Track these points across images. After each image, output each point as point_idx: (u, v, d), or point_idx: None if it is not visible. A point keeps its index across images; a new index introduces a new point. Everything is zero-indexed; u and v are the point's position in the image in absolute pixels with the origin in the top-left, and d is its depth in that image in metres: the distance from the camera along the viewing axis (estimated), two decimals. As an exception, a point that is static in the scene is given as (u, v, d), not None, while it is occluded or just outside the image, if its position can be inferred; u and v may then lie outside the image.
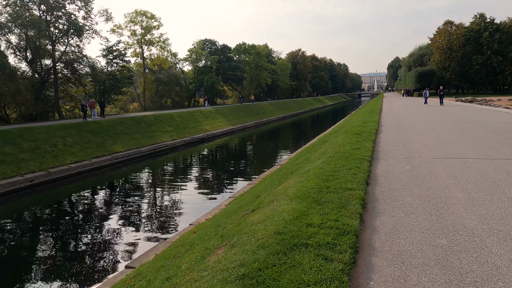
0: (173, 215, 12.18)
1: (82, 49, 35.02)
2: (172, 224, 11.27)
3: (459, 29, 67.40)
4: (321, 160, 7.23)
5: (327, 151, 8.54)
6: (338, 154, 7.55)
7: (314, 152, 10.10)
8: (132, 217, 11.89)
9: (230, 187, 15.35)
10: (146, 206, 13.31)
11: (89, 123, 26.20)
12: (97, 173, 20.53)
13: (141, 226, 10.96)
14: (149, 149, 25.95)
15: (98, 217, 12.57)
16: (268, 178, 11.42)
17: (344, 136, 10.62)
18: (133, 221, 11.44)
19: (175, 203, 13.66)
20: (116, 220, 11.66)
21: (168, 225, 11.22)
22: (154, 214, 12.31)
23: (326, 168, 6.27)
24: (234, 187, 15.02)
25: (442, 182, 5.61)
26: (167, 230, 10.31)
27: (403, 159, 7.59)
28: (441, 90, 28.72)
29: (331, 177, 5.52)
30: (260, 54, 74.95)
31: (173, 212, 12.47)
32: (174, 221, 11.54)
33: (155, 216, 12.08)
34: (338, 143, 9.25)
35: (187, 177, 18.64)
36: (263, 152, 26.70)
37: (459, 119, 16.18)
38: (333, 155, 7.50)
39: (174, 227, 10.98)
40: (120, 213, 12.64)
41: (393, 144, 9.60)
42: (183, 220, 11.68)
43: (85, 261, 8.62)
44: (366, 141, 9.24)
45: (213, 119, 41.89)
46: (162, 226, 11.07)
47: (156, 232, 10.36)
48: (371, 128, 12.50)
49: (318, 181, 5.27)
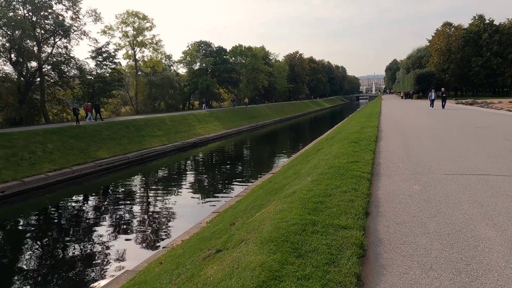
0: (150, 231, 10.88)
1: (70, 51, 33.79)
2: (146, 243, 9.96)
3: (458, 31, 66.48)
4: (311, 178, 5.96)
5: (319, 164, 7.26)
6: (332, 170, 6.28)
7: (306, 163, 8.83)
8: (104, 235, 10.56)
9: (216, 198, 14.06)
10: (123, 220, 12.00)
11: (73, 128, 24.89)
12: (78, 181, 19.20)
13: (113, 247, 9.64)
14: (136, 155, 24.64)
15: (63, 231, 11.24)
16: (256, 191, 10.17)
17: (340, 145, 9.34)
18: (104, 241, 10.12)
19: (156, 217, 12.35)
20: (82, 239, 10.32)
21: (142, 244, 9.90)
22: (132, 229, 11.00)
23: (316, 190, 5.01)
24: (221, 199, 13.73)
25: (463, 211, 4.35)
26: (137, 254, 8.99)
27: (410, 175, 6.33)
28: (443, 92, 27.13)
29: (320, 206, 4.26)
30: (256, 56, 73.80)
31: (152, 227, 11.18)
32: (149, 239, 10.23)
33: (134, 231, 10.78)
34: (333, 154, 7.98)
35: (173, 186, 17.34)
36: (257, 158, 25.42)
37: (465, 124, 14.94)
38: (326, 171, 6.23)
39: (148, 247, 9.68)
40: (89, 229, 11.30)
41: (396, 155, 8.34)
42: (161, 236, 10.39)
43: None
44: (365, 152, 7.97)
45: (207, 122, 40.61)
46: (136, 246, 9.76)
47: (128, 254, 9.07)
48: (370, 134, 11.24)
49: (302, 212, 4.01)
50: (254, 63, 72.80)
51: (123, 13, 42.62)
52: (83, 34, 34.65)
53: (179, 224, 11.10)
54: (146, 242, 9.98)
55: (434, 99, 28.02)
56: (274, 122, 56.76)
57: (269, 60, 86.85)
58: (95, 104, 31.05)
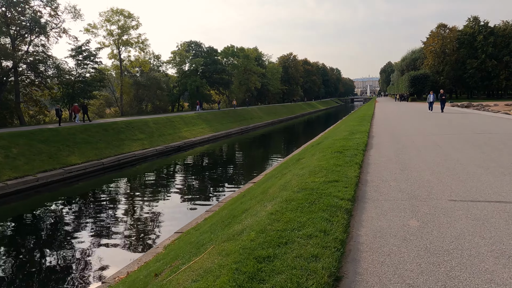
0: (115, 248, 9.25)
1: (48, 49, 31.97)
2: (102, 270, 8.29)
3: (452, 33, 65.52)
4: (272, 207, 4.38)
5: (290, 183, 5.69)
6: (302, 194, 4.71)
7: (280, 177, 7.27)
8: (55, 255, 8.88)
9: (189, 211, 12.43)
10: (86, 235, 10.34)
11: (44, 131, 23.14)
12: (42, 190, 17.45)
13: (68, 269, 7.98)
14: (112, 160, 22.89)
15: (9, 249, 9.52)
16: (227, 207, 8.61)
17: (322, 155, 7.79)
18: (53, 265, 8.45)
19: (120, 232, 10.66)
20: (33, 260, 8.63)
21: (102, 268, 8.24)
22: (97, 245, 9.35)
23: (270, 231, 3.44)
24: (192, 212, 12.11)
25: (488, 271, 2.80)
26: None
27: (405, 200, 4.79)
28: (442, 94, 25.35)
29: (266, 267, 2.68)
30: (249, 57, 72.28)
31: (118, 243, 9.56)
32: (109, 262, 8.56)
33: (98, 247, 9.14)
34: (310, 169, 6.41)
35: (146, 195, 15.67)
36: (243, 163, 23.77)
37: (466, 129, 13.44)
38: (293, 196, 4.66)
39: (104, 272, 8.03)
40: (42, 247, 9.63)
41: (388, 169, 6.79)
42: (122, 258, 8.71)
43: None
44: (349, 166, 6.41)
45: (194, 125, 38.94)
46: (92, 270, 8.10)
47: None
48: (358, 142, 9.70)
49: (233, 282, 2.44)
50: (247, 64, 71.25)
51: (107, 10, 40.88)
52: (62, 31, 32.92)
53: (140, 242, 9.47)
54: (108, 263, 8.31)
55: (433, 101, 26.29)
56: (265, 124, 55.22)
57: (262, 62, 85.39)
58: (83, 105, 30.26)
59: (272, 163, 19.71)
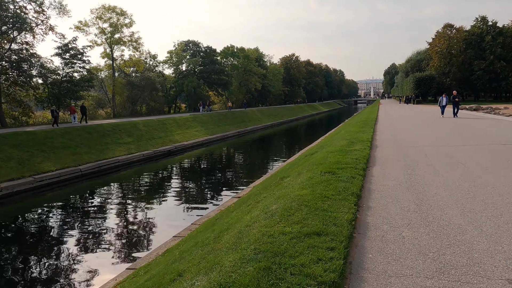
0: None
1: (32, 47, 30.20)
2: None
3: (459, 33, 63.33)
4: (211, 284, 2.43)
5: (249, 232, 3.73)
6: (253, 268, 2.75)
7: (246, 212, 5.31)
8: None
9: (169, 227, 10.48)
10: (47, 256, 8.44)
11: (18, 134, 21.31)
12: (5, 202, 15.57)
13: None
14: (92, 167, 20.99)
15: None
16: (207, 224, 6.70)
17: (308, 177, 5.81)
18: None
19: (87, 255, 8.73)
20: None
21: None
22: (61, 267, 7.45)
23: None
24: (176, 226, 10.13)
25: None
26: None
27: (431, 279, 2.83)
28: (455, 96, 22.24)
29: None
30: (249, 58, 70.29)
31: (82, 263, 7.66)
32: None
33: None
34: (286, 203, 4.44)
35: (120, 207, 13.75)
36: (236, 170, 21.68)
37: (487, 138, 11.32)
38: (239, 270, 2.71)
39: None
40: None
41: (398, 203, 4.82)
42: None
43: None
44: (341, 199, 4.44)
45: (188, 127, 37.02)
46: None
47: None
48: (358, 156, 7.71)
49: None
50: (247, 64, 69.27)
51: (98, 7, 39.10)
52: (49, 29, 31.15)
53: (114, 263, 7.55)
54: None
55: (445, 105, 23.28)
56: (265, 127, 53.27)
57: (264, 62, 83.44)
58: (82, 106, 29.48)
59: (269, 168, 17.68)
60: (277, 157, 25.32)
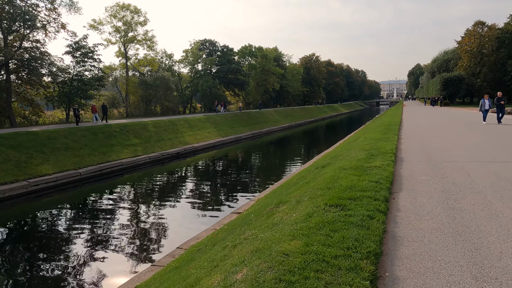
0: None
1: (43, 45, 29.69)
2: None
3: (491, 31, 59.28)
4: None
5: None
6: None
7: (224, 256, 3.65)
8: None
9: (170, 240, 8.99)
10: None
11: (20, 135, 20.53)
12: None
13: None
14: (93, 170, 19.91)
15: None
16: (198, 249, 5.13)
17: (309, 211, 4.11)
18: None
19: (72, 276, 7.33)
20: None
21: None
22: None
23: None
24: (176, 238, 8.65)
25: None
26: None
27: None
28: (500, 98, 18.67)
29: None
30: (267, 57, 68.56)
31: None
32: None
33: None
34: (261, 272, 2.77)
35: (121, 215, 12.43)
36: (241, 179, 19.83)
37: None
38: None
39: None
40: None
41: (443, 268, 3.05)
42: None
43: None
44: (350, 268, 2.73)
45: (200, 129, 35.74)
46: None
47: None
48: (379, 176, 5.89)
49: None
50: (265, 64, 67.57)
51: (113, 5, 38.44)
52: (61, 27, 30.59)
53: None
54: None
55: (488, 109, 19.97)
56: (281, 128, 51.44)
57: (282, 62, 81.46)
58: (103, 105, 30.30)
59: (274, 180, 15.91)
60: (290, 163, 23.51)
